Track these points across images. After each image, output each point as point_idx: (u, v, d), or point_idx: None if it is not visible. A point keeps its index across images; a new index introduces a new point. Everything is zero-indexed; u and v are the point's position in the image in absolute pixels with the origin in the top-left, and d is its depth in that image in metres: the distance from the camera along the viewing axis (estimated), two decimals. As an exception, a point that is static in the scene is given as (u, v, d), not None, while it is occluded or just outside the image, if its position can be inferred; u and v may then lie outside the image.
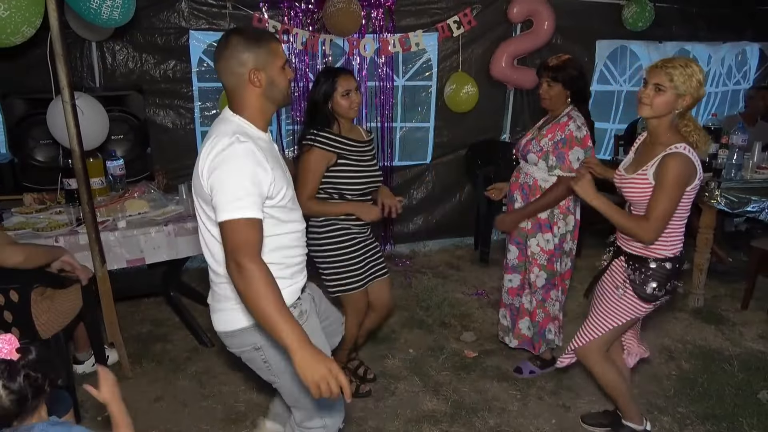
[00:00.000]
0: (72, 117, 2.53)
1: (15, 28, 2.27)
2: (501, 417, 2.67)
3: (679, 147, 1.99)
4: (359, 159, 2.56)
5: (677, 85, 1.97)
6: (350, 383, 2.57)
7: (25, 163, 3.44)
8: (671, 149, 1.99)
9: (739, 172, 3.83)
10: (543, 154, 2.71)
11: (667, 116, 2.04)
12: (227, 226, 1.53)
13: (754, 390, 2.83)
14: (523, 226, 2.82)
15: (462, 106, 4.48)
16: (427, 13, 4.35)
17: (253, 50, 1.63)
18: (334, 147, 2.48)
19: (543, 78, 2.71)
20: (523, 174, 2.82)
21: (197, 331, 3.30)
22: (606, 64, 5.04)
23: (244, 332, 1.74)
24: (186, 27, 3.96)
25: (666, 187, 1.98)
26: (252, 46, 1.63)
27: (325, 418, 1.89)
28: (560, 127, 2.69)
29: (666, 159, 1.98)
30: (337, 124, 2.53)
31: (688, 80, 1.97)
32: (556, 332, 2.95)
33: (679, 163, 1.97)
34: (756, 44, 5.45)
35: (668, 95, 1.99)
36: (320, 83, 2.51)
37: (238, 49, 1.63)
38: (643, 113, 2.06)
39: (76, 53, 3.77)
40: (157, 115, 4.07)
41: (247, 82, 1.64)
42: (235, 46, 1.64)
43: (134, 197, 3.23)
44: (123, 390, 2.82)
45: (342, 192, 2.53)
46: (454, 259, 4.63)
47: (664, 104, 2.01)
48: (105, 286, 2.78)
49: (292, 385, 1.80)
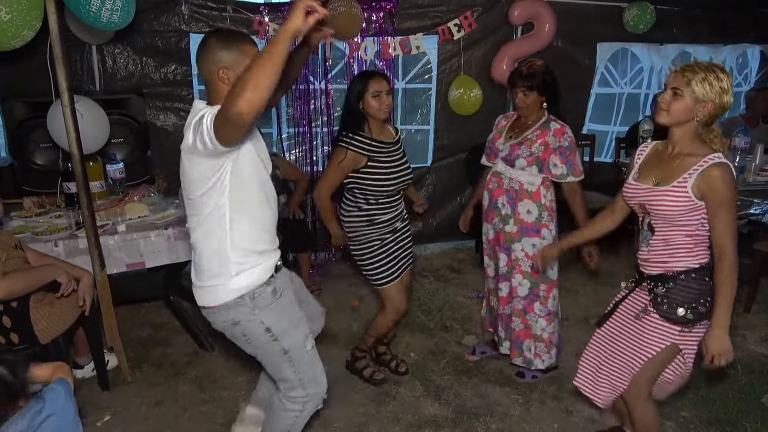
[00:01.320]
0: (72, 120, 2.52)
1: (16, 32, 2.26)
2: (503, 422, 2.66)
3: (719, 156, 1.86)
4: (388, 160, 2.65)
5: (695, 89, 1.85)
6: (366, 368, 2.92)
7: (25, 166, 3.43)
8: (711, 159, 1.85)
9: (741, 175, 3.82)
10: (534, 159, 2.70)
11: (688, 124, 1.91)
12: None
13: (757, 394, 2.81)
14: (509, 230, 2.80)
15: (468, 110, 4.48)
16: (427, 16, 4.34)
17: (225, 50, 1.75)
18: (366, 150, 2.60)
19: (518, 88, 2.69)
20: (507, 179, 2.77)
21: (197, 335, 3.29)
22: (607, 66, 5.03)
23: (226, 308, 1.87)
24: (186, 30, 3.96)
25: (726, 200, 1.83)
26: (224, 47, 1.76)
27: (308, 388, 2.01)
28: (555, 133, 2.68)
29: (711, 171, 1.83)
30: (368, 125, 2.63)
31: (707, 85, 1.84)
32: (537, 353, 2.87)
33: (727, 172, 1.83)
34: (757, 46, 5.44)
35: (686, 101, 1.86)
36: (355, 84, 2.64)
37: (213, 48, 1.76)
38: (661, 120, 1.94)
39: (76, 56, 3.76)
40: (157, 118, 4.06)
41: (217, 78, 1.77)
42: (210, 46, 1.77)
43: (134, 201, 3.22)
44: (123, 394, 2.85)
45: (366, 193, 2.64)
46: (455, 263, 4.62)
47: (681, 110, 1.88)
48: (104, 291, 2.77)
49: (273, 357, 1.95)
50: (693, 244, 1.95)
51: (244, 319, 1.88)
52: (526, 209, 2.75)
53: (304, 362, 2.00)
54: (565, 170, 2.69)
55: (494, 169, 2.83)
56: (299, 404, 2.03)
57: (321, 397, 2.07)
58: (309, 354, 2.01)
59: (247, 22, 4.02)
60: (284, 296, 1.97)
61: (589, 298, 3.91)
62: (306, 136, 4.31)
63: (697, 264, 1.96)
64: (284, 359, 1.96)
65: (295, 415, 2.05)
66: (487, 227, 2.92)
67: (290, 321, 1.97)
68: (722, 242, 1.87)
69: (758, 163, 3.90)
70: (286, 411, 2.05)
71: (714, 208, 1.86)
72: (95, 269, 2.71)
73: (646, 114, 4.94)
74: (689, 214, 1.90)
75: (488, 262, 3.00)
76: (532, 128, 2.74)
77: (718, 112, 1.89)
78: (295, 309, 2.02)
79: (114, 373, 2.97)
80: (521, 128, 2.79)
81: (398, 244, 2.78)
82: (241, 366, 3.08)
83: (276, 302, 1.92)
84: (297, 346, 1.97)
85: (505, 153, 2.77)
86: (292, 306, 2.01)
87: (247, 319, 1.88)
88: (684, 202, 1.89)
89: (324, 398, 2.09)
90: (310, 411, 2.07)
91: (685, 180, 1.88)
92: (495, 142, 2.86)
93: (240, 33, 1.85)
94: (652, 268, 2.03)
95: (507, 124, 2.87)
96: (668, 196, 1.91)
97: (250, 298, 1.86)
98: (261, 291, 1.89)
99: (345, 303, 3.87)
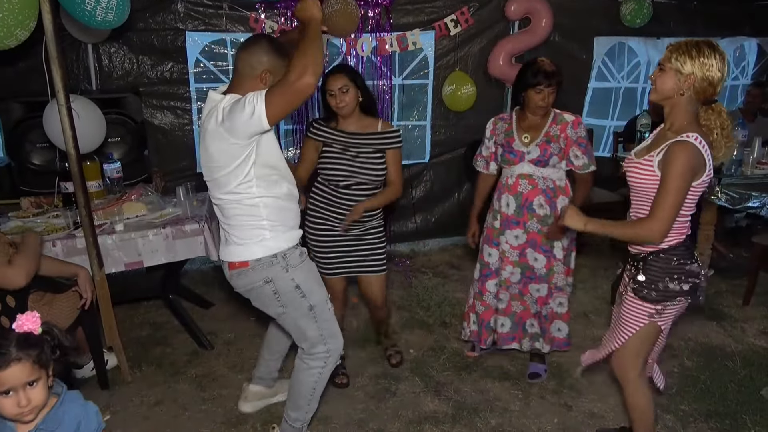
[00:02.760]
0: (68, 120, 2.51)
1: (8, 31, 2.24)
2: (503, 417, 2.66)
3: (689, 136, 1.82)
4: (341, 149, 2.70)
5: (677, 62, 1.83)
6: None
7: (22, 166, 3.42)
8: (680, 137, 1.84)
9: (740, 168, 3.82)
10: (563, 154, 2.71)
11: (675, 100, 1.89)
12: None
13: (756, 387, 2.81)
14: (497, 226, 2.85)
15: (460, 106, 4.47)
16: (424, 12, 4.33)
17: (276, 57, 2.00)
18: (319, 136, 2.72)
19: (542, 86, 2.61)
20: (540, 179, 2.73)
21: (197, 334, 3.28)
22: (604, 60, 5.02)
23: (260, 266, 2.06)
24: (182, 28, 3.94)
25: (670, 178, 1.82)
26: (276, 54, 2.00)
27: (328, 343, 2.22)
28: (573, 124, 2.70)
29: (672, 147, 1.83)
30: (336, 119, 2.71)
31: (688, 58, 1.82)
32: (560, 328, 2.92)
33: (685, 153, 1.81)
34: (754, 39, 5.44)
35: (669, 74, 1.86)
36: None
37: (266, 50, 1.99)
38: (651, 97, 1.96)
39: (71, 56, 3.75)
40: (154, 117, 4.05)
41: (257, 76, 1.98)
42: (263, 47, 1.99)
43: (132, 200, 3.21)
44: (123, 394, 2.85)
45: (322, 177, 2.76)
46: (454, 259, 4.62)
47: (664, 84, 1.88)
48: (103, 290, 2.76)
49: (300, 312, 2.15)
50: None
51: (276, 276, 2.08)
52: (562, 205, 2.71)
53: (326, 318, 2.21)
54: (586, 160, 2.71)
55: (519, 172, 2.75)
56: (321, 360, 2.22)
57: (339, 353, 2.28)
58: (329, 312, 2.24)
59: (243, 19, 4.00)
60: (309, 260, 2.22)
61: (587, 294, 3.92)
62: (303, 133, 4.31)
63: (666, 245, 1.97)
64: (310, 315, 2.16)
65: (318, 371, 2.24)
66: (515, 232, 2.80)
67: (316, 280, 2.22)
68: (652, 210, 1.87)
69: (756, 156, 3.90)
70: (310, 369, 2.24)
71: (660, 182, 1.86)
72: (93, 269, 2.71)
73: (644, 108, 4.93)
74: (654, 188, 1.91)
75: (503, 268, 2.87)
76: (547, 124, 2.72)
77: (706, 87, 1.85)
78: (317, 271, 2.28)
79: (113, 372, 2.97)
80: (535, 127, 2.74)
81: (355, 245, 2.80)
82: (240, 364, 3.08)
83: (303, 263, 2.17)
84: (321, 302, 2.19)
85: (535, 155, 2.70)
86: (315, 268, 2.28)
87: (280, 276, 2.08)
88: (647, 174, 1.92)
89: (342, 354, 2.32)
90: (331, 367, 2.27)
91: (653, 155, 1.92)
92: (511, 145, 2.75)
93: (287, 48, 2.07)
94: (630, 246, 2.08)
95: (511, 127, 2.79)
96: (637, 168, 1.97)
97: (283, 257, 2.08)
98: (291, 252, 2.12)
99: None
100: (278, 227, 2.09)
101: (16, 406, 1.39)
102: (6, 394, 1.38)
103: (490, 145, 2.89)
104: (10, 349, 1.38)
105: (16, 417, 1.42)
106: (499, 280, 2.90)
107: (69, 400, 1.53)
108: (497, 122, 2.88)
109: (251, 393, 2.72)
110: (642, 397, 2.16)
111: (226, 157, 1.94)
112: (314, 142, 2.73)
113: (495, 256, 2.89)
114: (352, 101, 2.63)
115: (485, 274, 2.95)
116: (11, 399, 1.39)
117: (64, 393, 1.52)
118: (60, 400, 1.50)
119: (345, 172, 2.68)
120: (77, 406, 1.54)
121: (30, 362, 1.39)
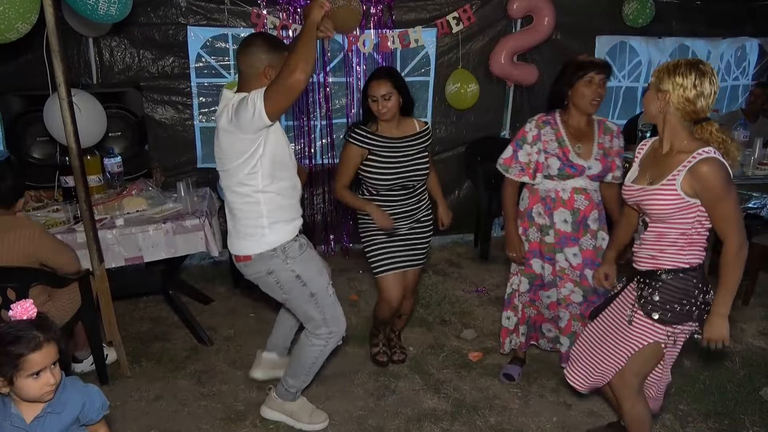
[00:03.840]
0: (69, 114, 2.51)
1: (9, 24, 2.24)
2: (502, 415, 2.66)
3: (708, 151, 1.80)
4: (390, 155, 2.68)
5: (656, 80, 1.85)
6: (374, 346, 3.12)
7: (23, 160, 3.42)
8: (699, 155, 1.80)
9: (741, 169, 3.82)
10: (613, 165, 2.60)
11: (665, 119, 1.88)
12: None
13: (755, 387, 2.82)
14: (603, 244, 2.63)
15: (464, 104, 4.47)
16: (426, 9, 4.32)
17: (274, 53, 2.12)
18: (364, 143, 2.67)
19: (595, 72, 2.43)
20: (593, 192, 2.61)
21: (196, 329, 3.28)
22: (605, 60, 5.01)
23: (261, 259, 2.23)
24: (184, 23, 3.94)
25: (721, 194, 1.78)
26: (273, 50, 2.12)
27: (330, 326, 2.38)
28: (617, 134, 2.62)
29: (700, 167, 1.78)
30: (376, 122, 2.70)
31: (664, 76, 1.82)
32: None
33: (717, 166, 1.78)
34: (755, 39, 5.43)
35: (651, 93, 1.89)
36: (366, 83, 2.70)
37: (263, 48, 2.11)
38: (644, 118, 1.98)
39: (73, 49, 3.74)
40: (155, 111, 4.04)
41: (261, 73, 2.11)
42: (259, 46, 2.12)
43: (132, 195, 3.21)
44: (122, 389, 2.85)
45: (368, 184, 2.75)
46: (454, 257, 4.62)
47: (647, 102, 1.90)
48: (103, 285, 2.76)
49: (302, 300, 2.32)
50: (685, 243, 1.92)
51: (277, 268, 2.25)
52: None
53: (328, 304, 2.36)
54: (622, 170, 2.58)
55: (574, 186, 2.57)
56: (323, 340, 2.39)
57: (341, 335, 2.43)
58: (331, 297, 2.38)
59: (244, 15, 3.99)
60: (309, 250, 2.35)
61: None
62: (304, 129, 4.30)
63: (686, 264, 1.93)
64: (311, 301, 2.32)
65: (319, 349, 2.41)
66: (573, 250, 2.63)
67: (316, 269, 2.34)
68: (723, 232, 1.85)
69: (757, 156, 3.90)
70: (312, 346, 2.41)
71: (710, 204, 1.83)
72: (93, 264, 2.70)
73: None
74: (682, 212, 1.87)
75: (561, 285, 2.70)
76: (596, 133, 2.58)
77: (684, 104, 1.82)
78: (318, 260, 2.42)
79: (113, 367, 2.97)
80: (584, 135, 2.57)
81: (404, 240, 2.81)
82: (240, 360, 3.08)
83: (303, 254, 2.30)
84: (322, 290, 2.33)
85: (597, 170, 2.55)
86: (316, 257, 2.41)
87: (280, 268, 2.25)
88: (673, 200, 1.86)
89: (344, 336, 2.45)
90: (332, 346, 2.43)
91: (674, 177, 1.85)
92: (568, 156, 2.53)
93: (282, 41, 2.27)
94: (642, 263, 2.02)
95: (561, 133, 2.56)
96: (658, 196, 1.89)
97: (282, 251, 2.23)
98: (290, 245, 2.26)
99: (344, 298, 3.84)
100: (277, 223, 2.23)
101: (42, 387, 1.48)
102: (36, 376, 1.47)
103: (533, 151, 2.59)
104: (36, 333, 1.46)
105: (39, 398, 1.50)
106: (558, 297, 2.72)
107: (70, 384, 1.60)
108: (542, 126, 2.59)
109: (264, 360, 2.88)
110: (641, 413, 2.14)
111: (236, 150, 2.11)
112: (359, 149, 2.67)
113: (548, 270, 2.71)
114: (394, 107, 2.62)
115: (537, 284, 2.78)
116: (38, 381, 1.48)
117: (63, 378, 1.57)
118: (62, 385, 1.56)
119: (396, 178, 2.69)
120: (78, 388, 1.62)
121: (54, 342, 1.50)
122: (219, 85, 4.13)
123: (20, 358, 1.44)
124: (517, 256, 2.72)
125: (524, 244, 2.73)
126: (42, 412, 1.53)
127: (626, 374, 2.08)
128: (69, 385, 1.59)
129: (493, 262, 4.45)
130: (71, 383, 1.61)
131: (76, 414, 1.59)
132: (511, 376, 2.90)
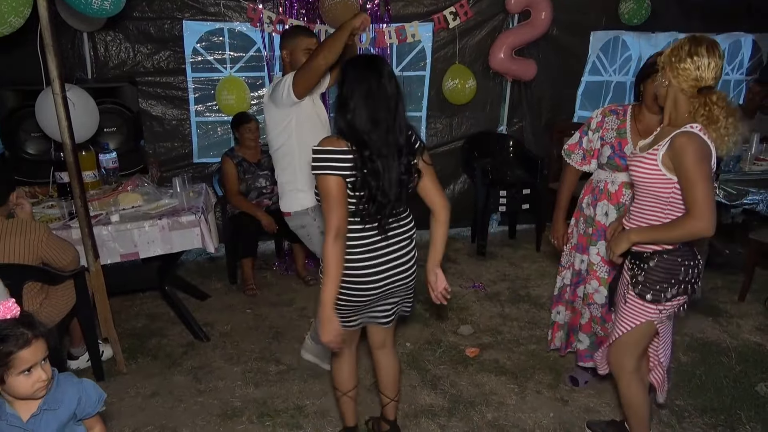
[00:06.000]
0: (63, 109, 2.48)
1: (2, 18, 2.22)
2: (499, 411, 2.66)
3: (693, 127, 1.80)
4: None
5: (660, 59, 1.91)
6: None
7: (17, 156, 3.40)
8: (683, 129, 1.82)
9: (738, 164, 3.82)
10: None
11: (668, 93, 1.90)
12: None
13: (751, 382, 2.83)
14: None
15: (462, 99, 4.46)
16: (423, 4, 4.30)
17: (286, 41, 2.60)
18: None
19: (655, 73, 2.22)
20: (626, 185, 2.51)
21: (193, 325, 3.27)
22: (597, 54, 5.00)
23: (297, 215, 2.63)
24: (179, 17, 3.91)
25: (691, 168, 1.77)
26: (285, 39, 2.61)
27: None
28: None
29: (678, 139, 1.80)
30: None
31: (667, 52, 1.85)
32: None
33: (693, 141, 1.78)
34: (750, 35, 5.42)
35: (659, 75, 1.94)
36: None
37: (282, 43, 2.63)
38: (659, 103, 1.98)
39: (67, 44, 3.71)
40: (150, 106, 4.02)
41: (286, 62, 2.62)
42: (282, 37, 2.67)
43: (127, 191, 3.19)
44: (118, 385, 2.84)
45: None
46: (451, 252, 4.61)
47: (652, 83, 1.94)
48: (98, 281, 2.74)
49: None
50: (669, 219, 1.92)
51: (308, 224, 2.62)
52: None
53: None
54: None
55: (624, 180, 2.46)
56: None
57: None
58: None
59: (240, 9, 3.97)
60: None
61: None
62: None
63: (670, 245, 1.94)
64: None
65: None
66: (605, 245, 2.50)
67: None
68: (690, 210, 1.81)
69: (754, 152, 3.90)
70: None
71: (680, 177, 1.83)
72: (89, 260, 2.69)
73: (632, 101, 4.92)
74: (658, 185, 1.89)
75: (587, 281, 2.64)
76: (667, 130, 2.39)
77: (682, 81, 1.83)
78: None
79: (109, 363, 2.96)
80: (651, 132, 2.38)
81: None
82: (236, 356, 3.08)
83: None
84: None
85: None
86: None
87: (310, 224, 2.61)
88: (651, 170, 1.89)
89: None
90: None
91: (656, 150, 1.89)
92: (623, 148, 2.43)
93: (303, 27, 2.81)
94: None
95: (625, 125, 2.47)
96: (640, 162, 1.93)
97: (312, 211, 2.57)
98: (318, 206, 2.38)
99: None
100: (307, 188, 2.55)
101: (34, 384, 1.48)
102: (27, 372, 1.46)
103: (594, 138, 2.55)
104: (23, 330, 1.46)
105: (32, 395, 1.50)
106: (584, 293, 2.67)
107: (64, 380, 1.60)
108: (608, 114, 2.53)
109: (308, 345, 3.02)
110: (636, 393, 2.15)
111: (275, 122, 2.56)
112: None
113: (585, 264, 2.65)
114: None
115: (576, 282, 2.72)
116: (28, 378, 1.47)
117: (56, 375, 1.57)
118: (56, 381, 1.57)
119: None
120: (73, 384, 1.62)
121: (42, 338, 1.50)
122: (215, 79, 4.11)
123: (10, 356, 1.44)
124: (558, 243, 2.76)
125: (574, 236, 2.68)
126: (38, 410, 1.53)
127: (620, 348, 2.12)
128: (63, 382, 1.59)
129: (490, 257, 4.45)
130: (65, 379, 1.60)
131: (72, 409, 1.59)
132: (576, 380, 2.84)
